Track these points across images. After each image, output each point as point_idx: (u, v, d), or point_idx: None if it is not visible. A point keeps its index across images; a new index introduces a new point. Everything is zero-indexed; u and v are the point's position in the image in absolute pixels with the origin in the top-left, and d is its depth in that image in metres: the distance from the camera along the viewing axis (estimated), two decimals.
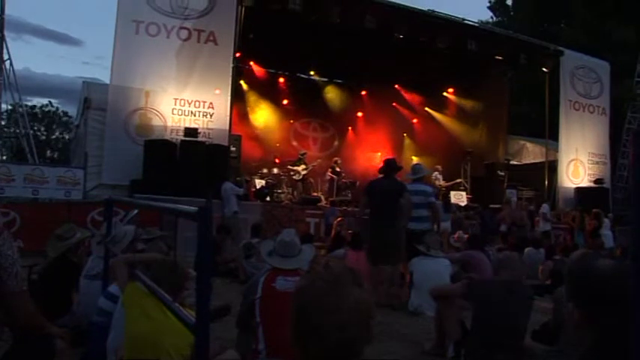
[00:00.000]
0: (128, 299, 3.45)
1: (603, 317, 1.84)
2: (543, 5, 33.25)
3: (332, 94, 22.93)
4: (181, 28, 14.68)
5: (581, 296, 1.95)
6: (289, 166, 18.46)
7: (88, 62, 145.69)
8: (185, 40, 14.72)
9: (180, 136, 14.13)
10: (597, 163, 20.40)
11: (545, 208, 15.72)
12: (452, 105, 23.62)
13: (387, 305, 7.68)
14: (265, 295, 4.17)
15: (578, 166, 19.97)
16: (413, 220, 8.73)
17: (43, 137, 53.47)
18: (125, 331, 3.33)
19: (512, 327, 4.80)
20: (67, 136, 47.97)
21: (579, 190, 19.41)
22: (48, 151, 52.59)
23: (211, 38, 14.88)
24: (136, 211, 5.90)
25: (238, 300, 4.78)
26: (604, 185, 19.78)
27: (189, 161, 13.46)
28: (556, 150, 19.75)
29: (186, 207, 2.36)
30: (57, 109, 55.63)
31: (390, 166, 8.81)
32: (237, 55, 15.81)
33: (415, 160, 21.51)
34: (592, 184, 19.70)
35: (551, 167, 19.71)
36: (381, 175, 8.86)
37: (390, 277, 8.41)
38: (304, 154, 19.03)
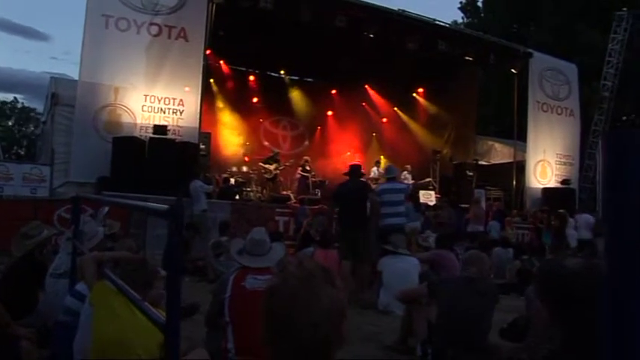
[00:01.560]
0: (96, 298, 3.37)
1: (572, 316, 1.87)
2: (513, 7, 33.64)
3: (302, 92, 22.87)
4: (152, 23, 14.54)
5: (551, 295, 1.98)
6: (261, 164, 18.37)
7: (55, 57, 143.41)
8: (155, 35, 14.58)
9: (150, 134, 13.98)
10: (565, 164, 20.65)
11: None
12: (421, 105, 23.76)
13: (356, 304, 7.72)
14: (235, 294, 4.15)
15: (545, 166, 20.20)
16: (392, 216, 9.30)
17: (17, 133, 52.68)
18: (92, 330, 3.25)
19: (476, 323, 4.84)
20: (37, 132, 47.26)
21: (546, 191, 19.66)
22: (15, 147, 51.65)
23: (182, 35, 14.76)
24: (106, 209, 5.82)
25: (207, 298, 4.75)
26: (570, 186, 20.04)
27: (158, 159, 13.32)
28: (524, 151, 19.98)
29: (156, 205, 2.33)
30: (22, 104, 54.82)
31: (354, 170, 9.42)
32: (208, 52, 15.71)
33: (384, 159, 21.61)
34: (559, 185, 19.94)
35: (519, 168, 19.92)
36: (347, 178, 9.42)
37: (364, 276, 8.57)
38: (278, 153, 19.00)
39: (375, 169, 19.26)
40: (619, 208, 0.82)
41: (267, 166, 18.08)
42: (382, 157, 22.25)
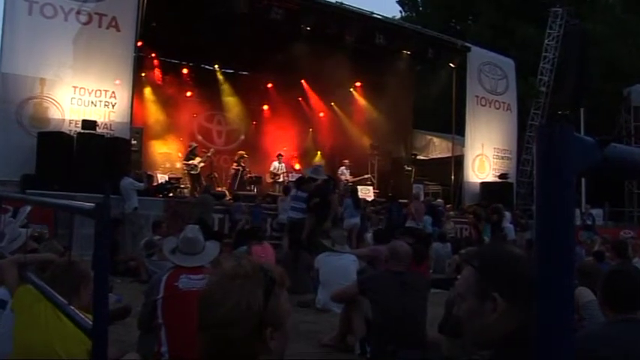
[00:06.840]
0: (18, 304, 3.19)
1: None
2: (451, 2, 34.20)
3: (237, 86, 22.46)
4: (81, 11, 13.86)
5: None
6: (184, 162, 17.93)
7: None
8: (85, 24, 13.93)
9: (79, 129, 13.44)
10: (502, 158, 20.99)
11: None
12: (358, 99, 23.67)
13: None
14: (168, 295, 4.05)
15: (483, 161, 20.45)
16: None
17: None
18: (14, 339, 3.07)
19: (409, 316, 4.83)
20: None
21: (484, 185, 19.92)
22: None
23: (113, 24, 14.17)
24: (28, 209, 5.52)
25: (139, 300, 4.61)
26: (508, 180, 20.39)
27: (87, 155, 12.86)
28: (462, 145, 20.22)
29: (82, 203, 2.19)
30: None
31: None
32: (139, 43, 15.28)
33: (319, 155, 21.59)
34: (497, 179, 20.22)
35: (458, 162, 20.17)
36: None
37: None
38: (195, 147, 18.40)
39: (275, 162, 19.22)
40: (550, 201, 0.80)
41: (190, 162, 17.63)
42: (319, 152, 22.21)
